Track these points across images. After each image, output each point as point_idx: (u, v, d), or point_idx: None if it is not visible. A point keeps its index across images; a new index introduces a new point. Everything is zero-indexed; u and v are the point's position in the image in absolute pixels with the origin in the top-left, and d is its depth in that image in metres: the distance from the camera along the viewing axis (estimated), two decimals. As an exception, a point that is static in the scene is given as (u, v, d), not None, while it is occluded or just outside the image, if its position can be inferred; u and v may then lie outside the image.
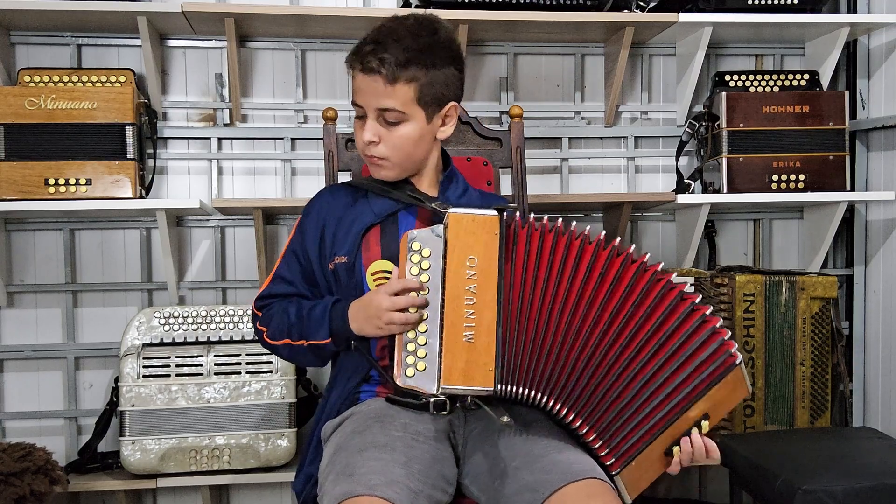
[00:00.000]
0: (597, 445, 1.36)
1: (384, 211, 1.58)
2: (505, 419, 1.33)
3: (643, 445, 1.35)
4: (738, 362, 1.38)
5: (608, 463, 1.36)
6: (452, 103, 1.58)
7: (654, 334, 1.37)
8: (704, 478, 2.67)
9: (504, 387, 1.35)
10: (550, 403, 1.36)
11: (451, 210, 1.41)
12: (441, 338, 1.36)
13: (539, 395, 1.36)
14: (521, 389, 1.36)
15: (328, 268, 1.57)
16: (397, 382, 1.38)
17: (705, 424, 1.37)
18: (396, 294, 1.40)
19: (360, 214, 1.59)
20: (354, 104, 1.55)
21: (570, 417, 1.36)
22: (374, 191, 1.62)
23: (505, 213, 1.40)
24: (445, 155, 1.70)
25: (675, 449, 1.36)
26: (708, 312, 1.39)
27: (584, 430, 1.36)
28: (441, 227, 1.41)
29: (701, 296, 1.42)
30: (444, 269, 1.38)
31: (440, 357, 1.35)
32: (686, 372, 1.36)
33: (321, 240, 1.60)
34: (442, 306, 1.37)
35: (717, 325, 1.38)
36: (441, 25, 1.56)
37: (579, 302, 1.38)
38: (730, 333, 1.39)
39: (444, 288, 1.37)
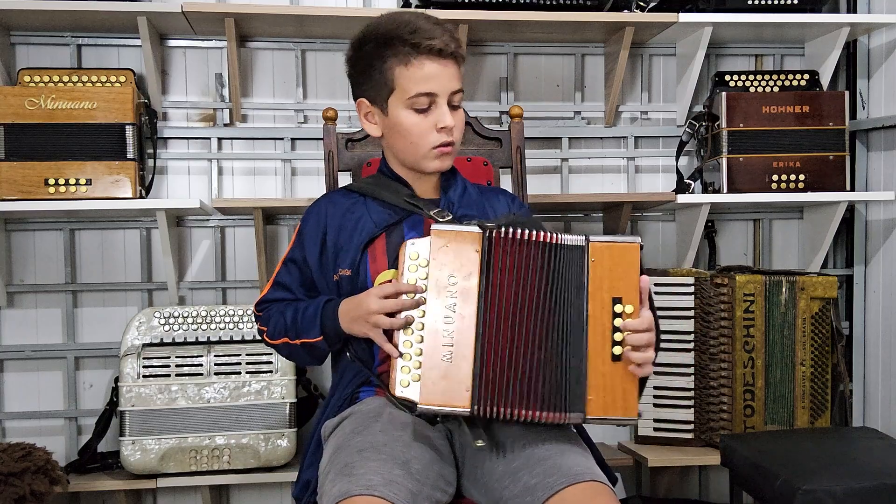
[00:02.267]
0: (548, 417, 1.35)
1: (383, 221, 1.58)
2: (479, 443, 1.33)
3: (582, 376, 1.35)
4: (583, 242, 1.36)
5: (568, 422, 1.35)
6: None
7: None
8: (704, 478, 2.67)
9: (481, 407, 1.34)
10: (522, 413, 1.35)
11: (434, 226, 1.39)
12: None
13: (522, 411, 1.35)
14: (499, 409, 1.34)
15: (332, 279, 1.57)
16: (394, 393, 1.38)
17: (621, 308, 1.36)
18: (387, 297, 1.40)
19: (359, 223, 1.58)
20: (423, 95, 1.52)
21: (529, 413, 1.35)
22: (372, 195, 1.61)
23: (487, 231, 1.38)
24: None
25: (617, 349, 1.35)
26: (559, 241, 1.37)
27: (537, 414, 1.35)
28: None
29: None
30: (427, 287, 1.37)
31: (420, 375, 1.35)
32: (565, 295, 1.36)
33: (322, 249, 1.59)
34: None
35: (560, 240, 1.37)
36: None
37: (543, 310, 1.37)
38: (573, 236, 1.37)
39: (427, 306, 1.37)
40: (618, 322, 1.36)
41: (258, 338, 1.67)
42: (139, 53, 2.40)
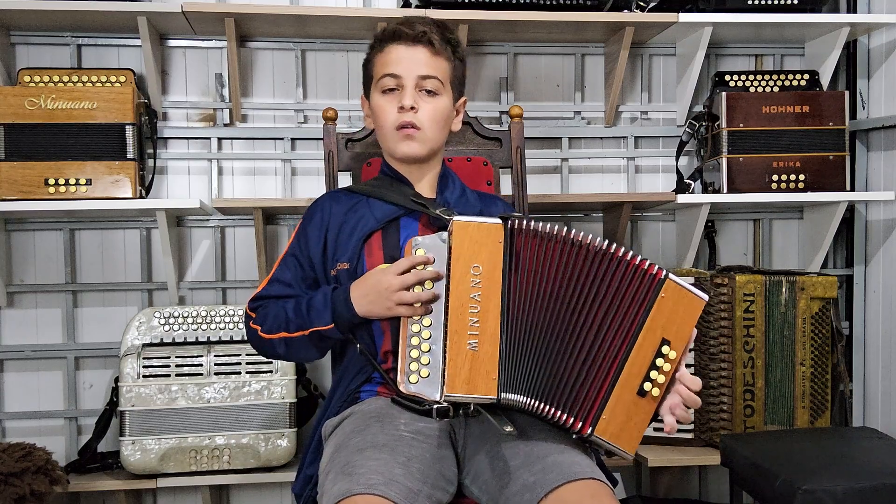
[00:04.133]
0: (564, 419, 1.35)
1: (385, 216, 1.59)
2: (508, 429, 1.33)
3: (605, 394, 1.35)
4: (663, 276, 1.36)
5: (577, 428, 1.35)
6: (464, 98, 1.70)
7: (603, 302, 1.38)
8: (704, 478, 2.67)
9: (507, 395, 1.35)
10: (543, 408, 1.36)
11: (456, 218, 1.40)
12: (445, 345, 1.36)
13: (537, 403, 1.36)
14: (522, 398, 1.36)
15: (331, 273, 1.58)
16: (400, 389, 1.38)
17: (667, 350, 1.36)
18: (403, 273, 1.40)
19: (360, 220, 1.59)
20: (387, 76, 1.60)
21: (550, 410, 1.36)
22: (375, 195, 1.62)
23: (509, 221, 1.40)
24: None
25: (647, 385, 1.36)
26: (628, 257, 1.37)
27: (553, 412, 1.35)
28: (445, 234, 1.40)
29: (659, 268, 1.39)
30: (448, 277, 1.38)
31: (444, 364, 1.35)
32: (621, 312, 1.36)
33: (324, 245, 1.60)
34: (446, 314, 1.37)
35: (637, 261, 1.37)
36: None
37: (577, 311, 1.38)
38: (649, 262, 1.37)
39: (448, 295, 1.37)
40: (659, 362, 1.36)
41: (247, 339, 1.64)
42: (139, 53, 2.40)
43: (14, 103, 2.17)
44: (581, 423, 1.35)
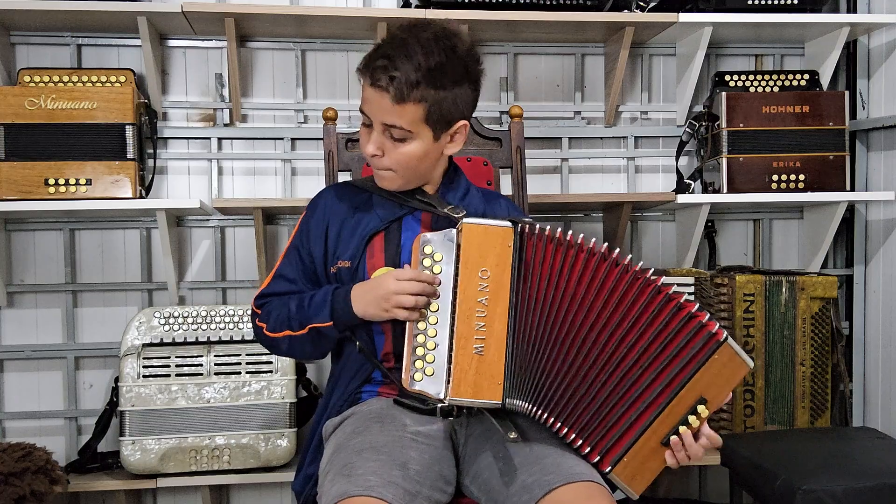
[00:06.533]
0: (579, 444, 1.34)
1: (389, 216, 1.58)
2: (512, 435, 1.32)
3: (632, 439, 1.33)
4: (723, 339, 1.33)
5: (594, 461, 1.34)
6: (462, 122, 1.54)
7: (642, 336, 1.35)
8: (704, 478, 2.67)
9: (512, 401, 1.35)
10: (551, 421, 1.36)
11: (466, 220, 1.39)
12: (451, 347, 1.35)
13: (542, 412, 1.36)
14: (527, 404, 1.36)
15: (331, 271, 1.57)
16: (404, 386, 1.38)
17: (702, 409, 1.34)
18: (405, 280, 1.40)
19: (364, 218, 1.58)
20: (362, 111, 1.52)
21: (562, 428, 1.35)
22: (381, 193, 1.61)
23: (519, 225, 1.39)
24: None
25: (673, 438, 1.34)
26: (682, 300, 1.34)
27: (566, 432, 1.35)
28: (454, 232, 1.40)
29: (685, 295, 1.36)
30: (455, 279, 1.37)
31: (449, 367, 1.35)
32: (666, 359, 1.34)
33: (325, 239, 1.59)
34: (452, 316, 1.36)
35: (694, 310, 1.34)
36: (460, 41, 1.50)
37: (586, 321, 1.37)
38: (708, 315, 1.34)
39: (455, 298, 1.37)
40: (691, 418, 1.34)
41: (254, 336, 1.64)
42: (139, 53, 2.40)
43: (14, 103, 2.17)
44: (599, 458, 1.34)
